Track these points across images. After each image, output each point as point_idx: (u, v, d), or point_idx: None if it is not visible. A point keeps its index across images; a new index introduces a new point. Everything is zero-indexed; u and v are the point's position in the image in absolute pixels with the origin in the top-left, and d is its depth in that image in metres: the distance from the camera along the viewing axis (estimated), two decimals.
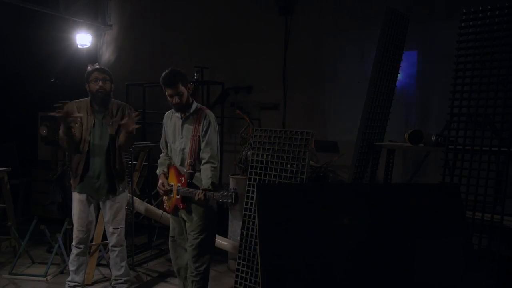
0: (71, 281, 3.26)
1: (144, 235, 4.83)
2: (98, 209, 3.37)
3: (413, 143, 3.24)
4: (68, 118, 2.96)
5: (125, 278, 3.37)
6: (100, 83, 3.13)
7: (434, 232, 1.96)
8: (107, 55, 6.95)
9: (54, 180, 4.20)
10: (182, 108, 2.89)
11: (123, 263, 3.35)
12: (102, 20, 6.85)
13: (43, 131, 4.22)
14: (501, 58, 3.10)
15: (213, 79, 5.54)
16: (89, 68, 3.20)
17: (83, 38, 6.13)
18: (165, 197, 3.05)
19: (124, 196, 3.35)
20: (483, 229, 2.94)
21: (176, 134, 2.96)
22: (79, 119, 3.10)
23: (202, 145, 2.85)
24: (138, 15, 6.66)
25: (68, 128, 3.02)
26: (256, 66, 5.59)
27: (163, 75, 2.87)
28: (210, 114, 2.94)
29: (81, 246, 3.22)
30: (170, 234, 3.10)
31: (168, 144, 3.08)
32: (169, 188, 2.95)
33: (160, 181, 3.00)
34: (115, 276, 3.36)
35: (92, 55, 6.82)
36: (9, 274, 3.83)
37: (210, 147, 2.86)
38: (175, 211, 3.01)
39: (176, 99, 2.83)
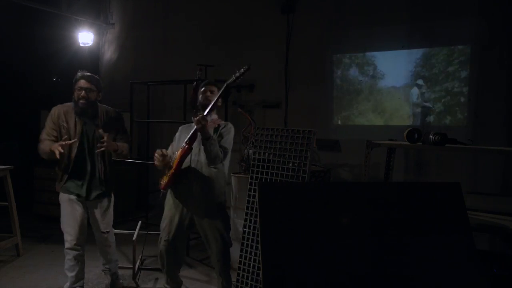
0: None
1: None
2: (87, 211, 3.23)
3: (411, 142, 3.24)
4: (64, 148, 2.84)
5: (113, 264, 3.41)
6: (83, 93, 3.02)
7: (436, 231, 1.96)
8: (109, 53, 6.96)
9: None
10: (207, 107, 2.91)
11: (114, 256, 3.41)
12: (104, 19, 6.86)
13: None
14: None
15: (216, 77, 5.54)
16: (78, 74, 3.08)
17: (85, 37, 6.14)
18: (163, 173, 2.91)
19: (111, 200, 3.24)
20: (485, 228, 2.95)
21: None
22: (64, 125, 3.01)
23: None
24: (140, 13, 6.67)
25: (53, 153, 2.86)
26: (258, 64, 5.56)
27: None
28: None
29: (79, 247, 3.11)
30: (165, 237, 2.96)
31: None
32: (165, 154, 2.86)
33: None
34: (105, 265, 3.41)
35: (94, 54, 6.84)
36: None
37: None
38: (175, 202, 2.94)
39: (208, 94, 3.02)
